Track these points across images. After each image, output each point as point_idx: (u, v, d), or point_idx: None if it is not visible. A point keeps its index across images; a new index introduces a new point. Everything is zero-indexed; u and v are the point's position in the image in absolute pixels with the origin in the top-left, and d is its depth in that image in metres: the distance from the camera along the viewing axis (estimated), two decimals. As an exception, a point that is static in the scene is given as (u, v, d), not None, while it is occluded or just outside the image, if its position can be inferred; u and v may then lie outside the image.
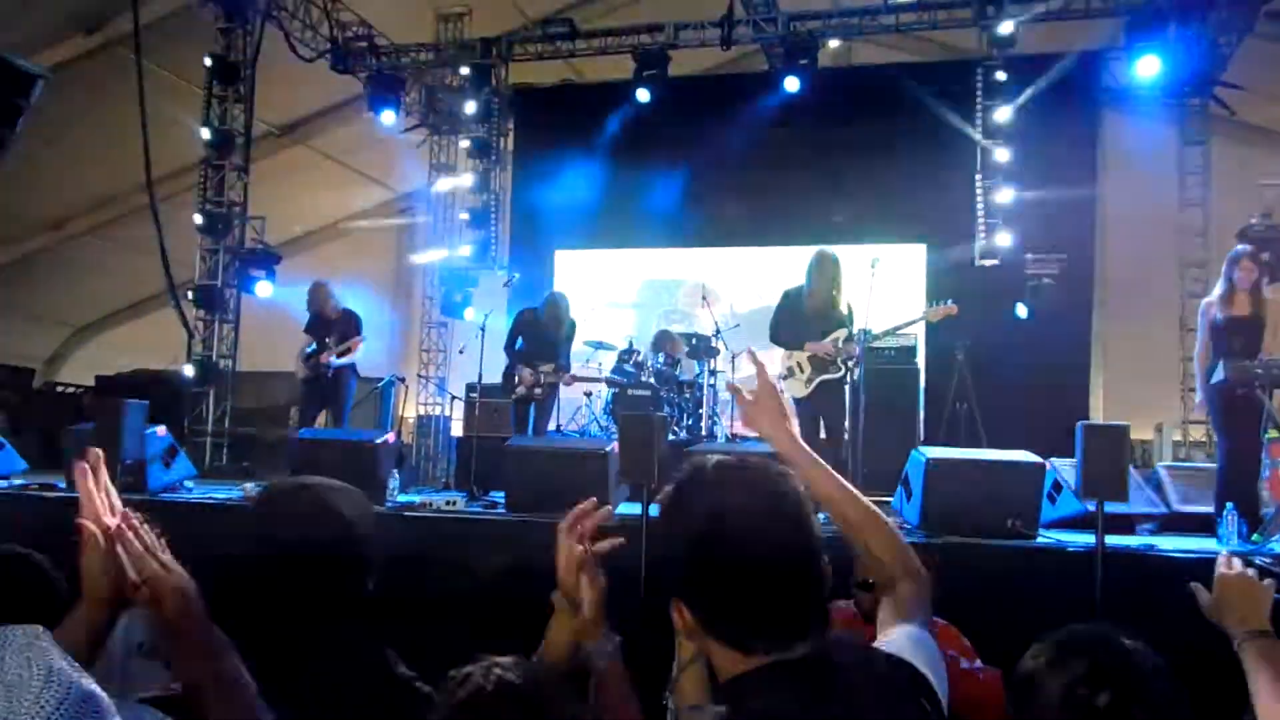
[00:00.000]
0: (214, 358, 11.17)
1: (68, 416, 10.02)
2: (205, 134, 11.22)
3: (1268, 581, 2.08)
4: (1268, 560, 3.26)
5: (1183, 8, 9.96)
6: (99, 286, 15.03)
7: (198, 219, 11.20)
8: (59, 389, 13.42)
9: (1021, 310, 10.43)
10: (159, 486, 6.95)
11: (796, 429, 1.89)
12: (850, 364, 6.94)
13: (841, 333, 6.95)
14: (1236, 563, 2.14)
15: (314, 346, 8.64)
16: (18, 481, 7.43)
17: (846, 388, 7.01)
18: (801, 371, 6.98)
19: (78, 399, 12.56)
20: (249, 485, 6.99)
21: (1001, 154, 10.67)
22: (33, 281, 14.51)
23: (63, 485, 7.08)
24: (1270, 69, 9.88)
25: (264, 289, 11.08)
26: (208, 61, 11.13)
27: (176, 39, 11.24)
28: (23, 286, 14.49)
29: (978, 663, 3.53)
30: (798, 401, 6.96)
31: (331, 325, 8.72)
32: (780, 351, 7.15)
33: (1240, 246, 6.72)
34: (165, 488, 7.01)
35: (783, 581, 1.40)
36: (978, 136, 10.77)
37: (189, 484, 7.42)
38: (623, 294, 12.98)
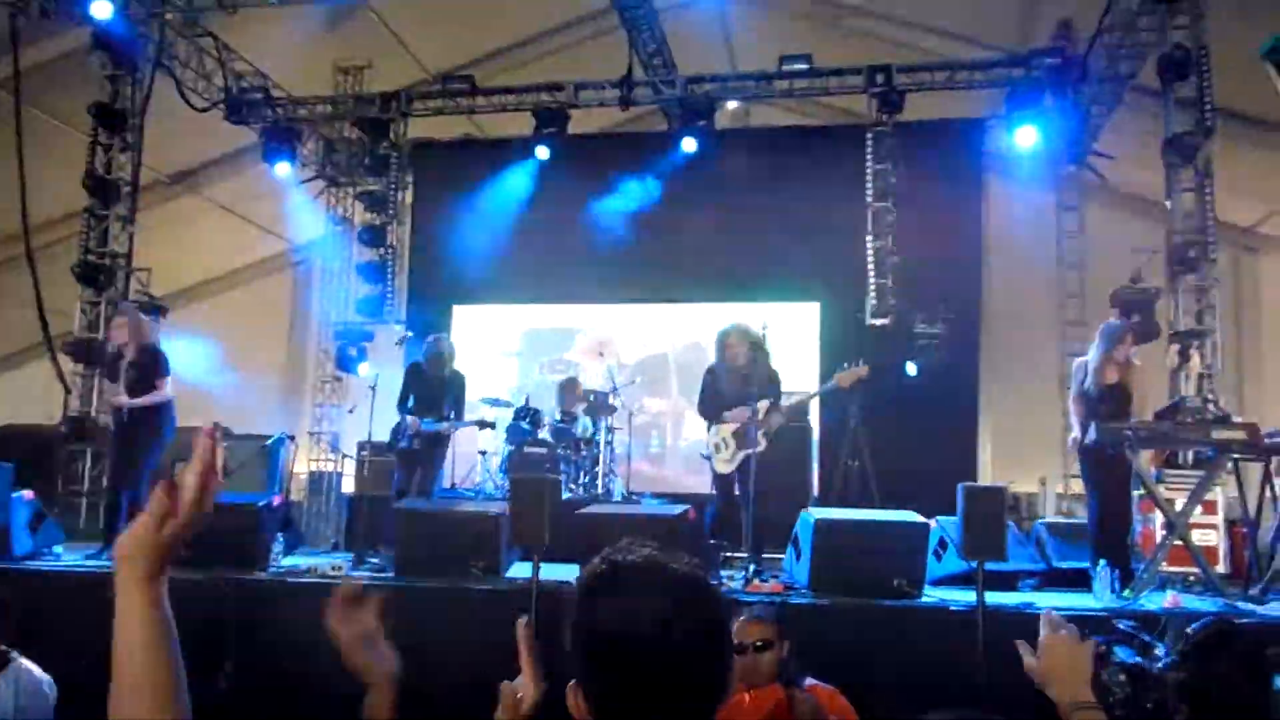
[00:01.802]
0: (92, 414, 10.72)
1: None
2: (88, 183, 10.83)
3: (1088, 643, 2.08)
4: (1130, 624, 3.35)
5: (1057, 81, 10.47)
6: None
7: (77, 269, 10.79)
8: (-78, 446, 12.67)
9: (911, 369, 10.69)
10: (23, 553, 6.61)
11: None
12: (770, 436, 6.92)
13: (763, 405, 6.94)
14: (1060, 623, 2.14)
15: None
16: None
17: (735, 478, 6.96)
18: (726, 447, 6.97)
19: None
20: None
21: (890, 215, 10.99)
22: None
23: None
24: (1139, 138, 10.40)
25: (148, 342, 10.70)
26: (93, 109, 10.79)
27: (63, 84, 10.93)
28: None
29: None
30: (723, 477, 6.98)
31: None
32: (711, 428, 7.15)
33: (1118, 321, 6.99)
34: (28, 554, 6.67)
35: (682, 693, 1.37)
36: (868, 199, 11.08)
37: (58, 550, 7.07)
38: (511, 345, 12.94)
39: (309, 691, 4.67)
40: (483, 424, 8.95)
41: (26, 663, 4.12)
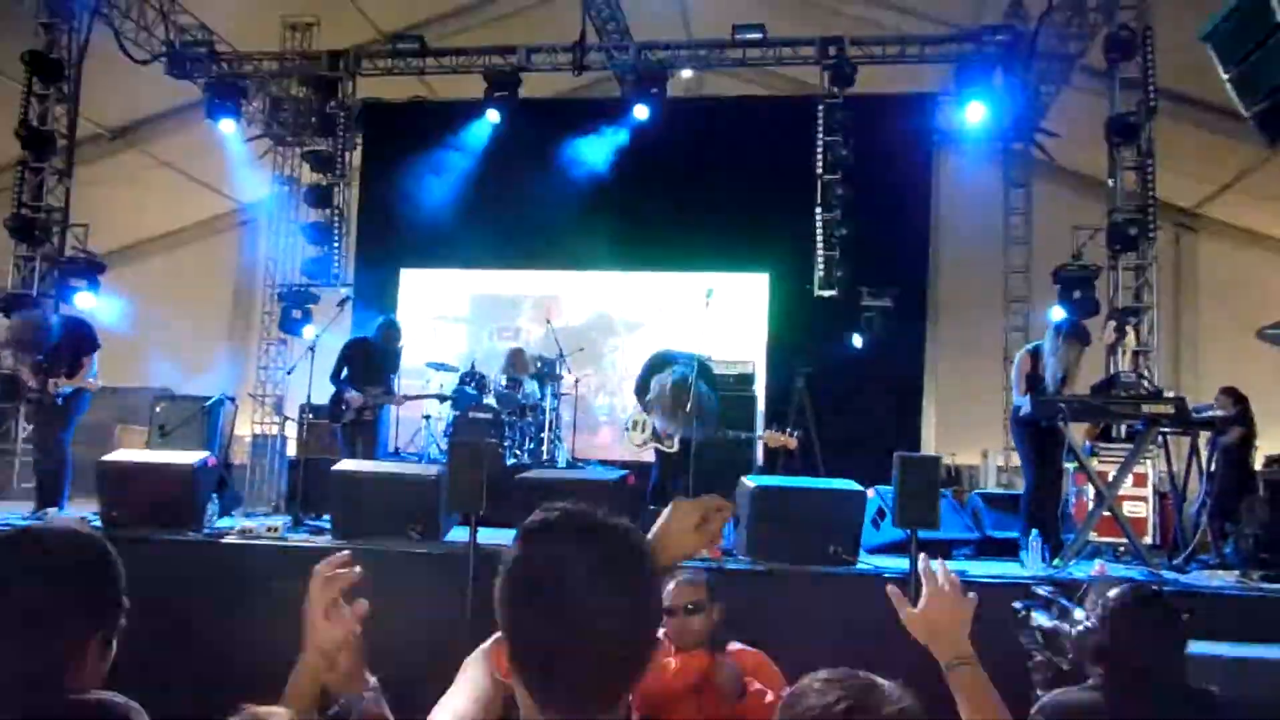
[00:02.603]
0: (22, 373, 10.47)
1: None
2: (21, 134, 10.53)
3: (971, 595, 2.05)
4: (1050, 590, 3.42)
5: (1006, 58, 10.55)
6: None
7: (10, 223, 10.50)
8: None
9: (856, 340, 10.78)
10: (-53, 511, 6.46)
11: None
12: (681, 444, 6.99)
13: (685, 420, 6.94)
14: (940, 571, 2.08)
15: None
16: None
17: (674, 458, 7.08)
18: (641, 431, 7.13)
19: None
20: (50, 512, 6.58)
21: (840, 188, 11.02)
22: None
23: None
24: (1085, 118, 10.53)
25: (85, 300, 10.47)
26: (24, 55, 10.46)
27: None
28: None
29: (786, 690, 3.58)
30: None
31: None
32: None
33: (1072, 323, 7.03)
34: (-46, 512, 6.52)
35: (602, 654, 1.34)
36: (819, 170, 11.10)
37: (-16, 508, 6.92)
38: (459, 310, 12.84)
39: (240, 649, 4.64)
40: (442, 398, 9.10)
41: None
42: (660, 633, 3.61)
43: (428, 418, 9.56)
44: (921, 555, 2.17)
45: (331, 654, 1.67)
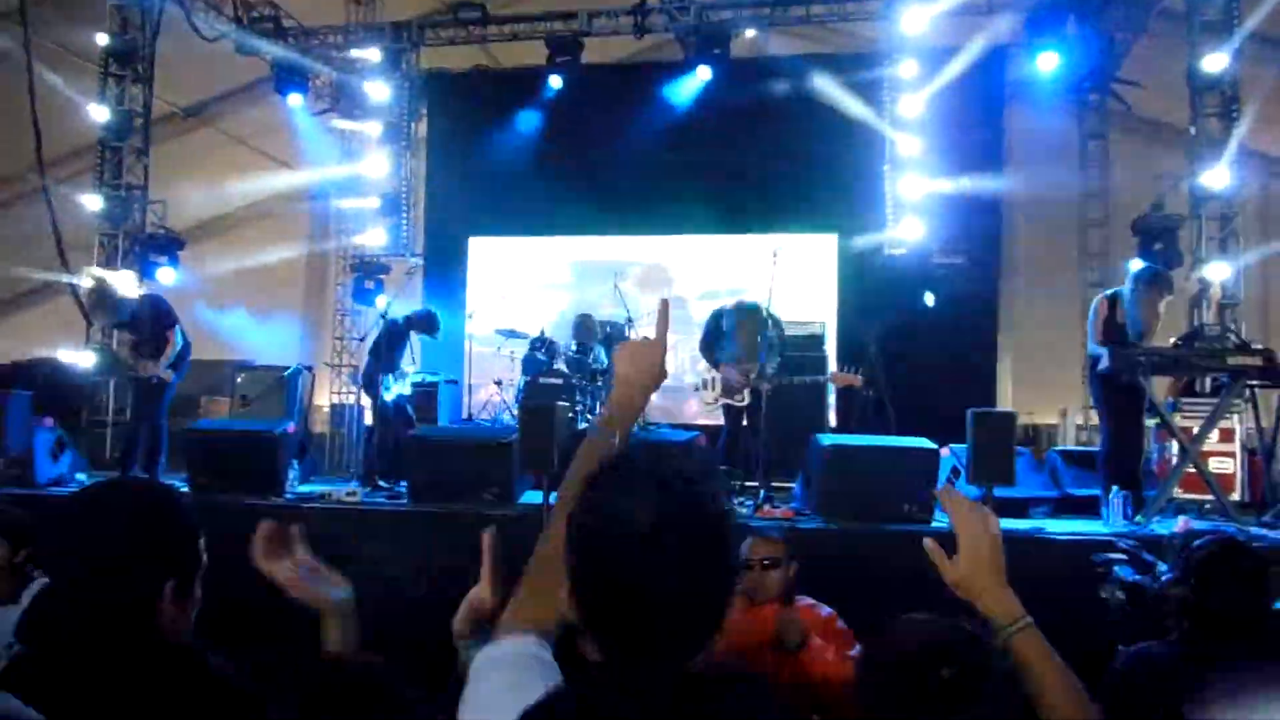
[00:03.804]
0: (114, 345, 10.82)
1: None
2: (101, 114, 10.83)
3: (995, 525, 1.81)
4: (1132, 543, 3.36)
5: (1080, 5, 10.21)
6: (-7, 272, 14.46)
7: (95, 202, 10.83)
8: (-52, 379, 12.87)
9: (928, 299, 10.62)
10: (46, 479, 6.75)
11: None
12: (752, 396, 7.07)
13: (754, 366, 7.02)
14: (963, 499, 1.85)
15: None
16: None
17: (746, 412, 7.16)
18: (712, 389, 7.17)
19: (-32, 389, 12.06)
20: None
21: (909, 145, 10.85)
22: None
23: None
24: (1164, 65, 10.15)
25: (166, 275, 10.76)
26: (102, 39, 10.73)
27: (71, 14, 10.85)
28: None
29: (856, 648, 3.55)
30: (734, 406, 7.23)
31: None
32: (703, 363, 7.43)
33: (1154, 269, 6.79)
34: (53, 480, 6.81)
35: (668, 606, 1.29)
36: (886, 128, 10.92)
37: (80, 476, 7.20)
38: (563, 276, 12.80)
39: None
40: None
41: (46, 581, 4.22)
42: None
43: (499, 383, 9.67)
44: (942, 490, 1.91)
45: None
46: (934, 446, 6.01)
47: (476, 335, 10.39)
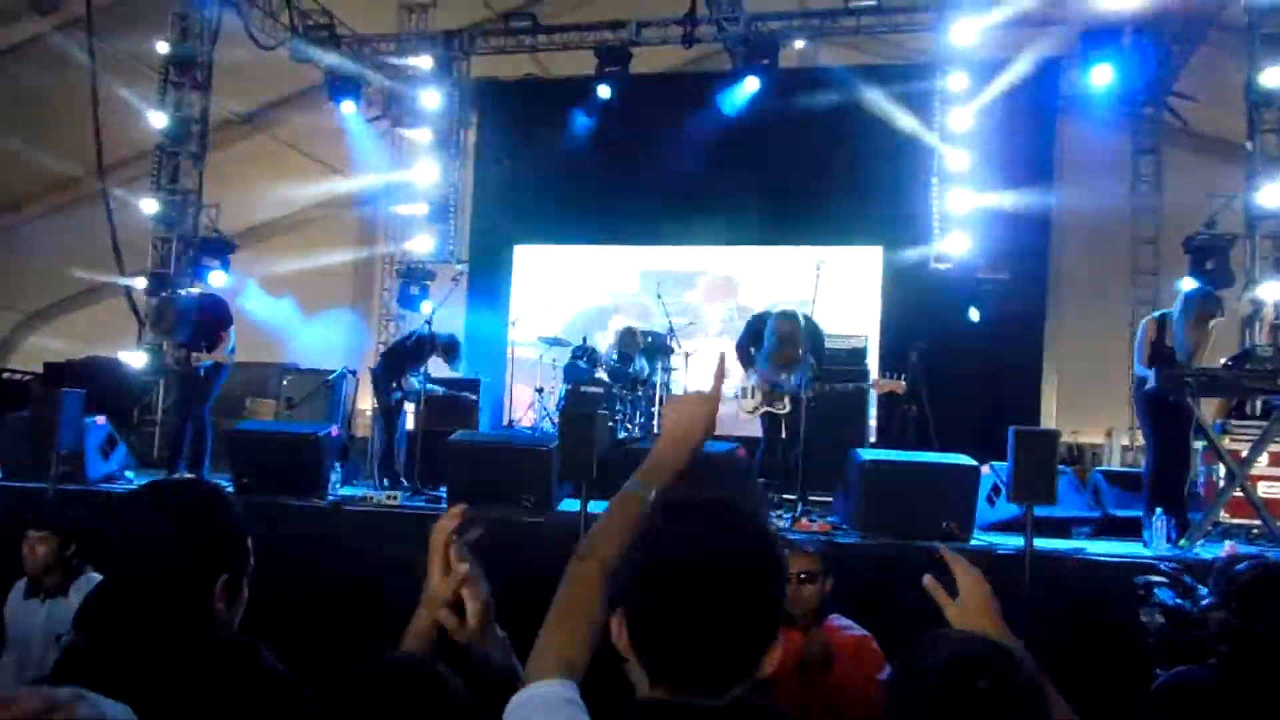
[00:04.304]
0: (164, 347, 11.04)
1: (14, 405, 9.85)
2: (160, 120, 11.07)
3: (984, 581, 1.85)
4: (1173, 566, 3.31)
5: (1137, 17, 10.07)
6: (49, 272, 14.80)
7: (151, 206, 11.07)
8: (5, 376, 13.21)
9: (973, 314, 10.52)
10: (98, 476, 6.89)
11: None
12: (792, 405, 6.98)
13: (788, 374, 6.97)
14: (961, 561, 1.86)
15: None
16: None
17: (785, 422, 7.06)
18: (752, 396, 7.08)
19: (25, 387, 12.36)
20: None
21: (958, 158, 10.76)
22: (-17, 266, 14.30)
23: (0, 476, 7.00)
24: (1221, 79, 9.99)
25: (217, 278, 10.97)
26: (163, 48, 10.98)
27: (134, 22, 11.12)
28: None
29: (886, 670, 3.51)
30: (773, 418, 7.13)
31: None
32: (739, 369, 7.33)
33: (1205, 291, 6.67)
34: (103, 477, 6.95)
35: (722, 636, 1.38)
36: (935, 140, 10.85)
37: (129, 474, 7.35)
38: (596, 286, 12.83)
39: (358, 609, 4.83)
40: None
41: (97, 577, 4.32)
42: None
43: (540, 391, 9.71)
44: (941, 546, 1.98)
45: (441, 603, 1.75)
46: (974, 464, 5.95)
47: (519, 342, 10.44)
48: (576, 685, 1.56)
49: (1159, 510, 5.69)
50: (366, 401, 13.19)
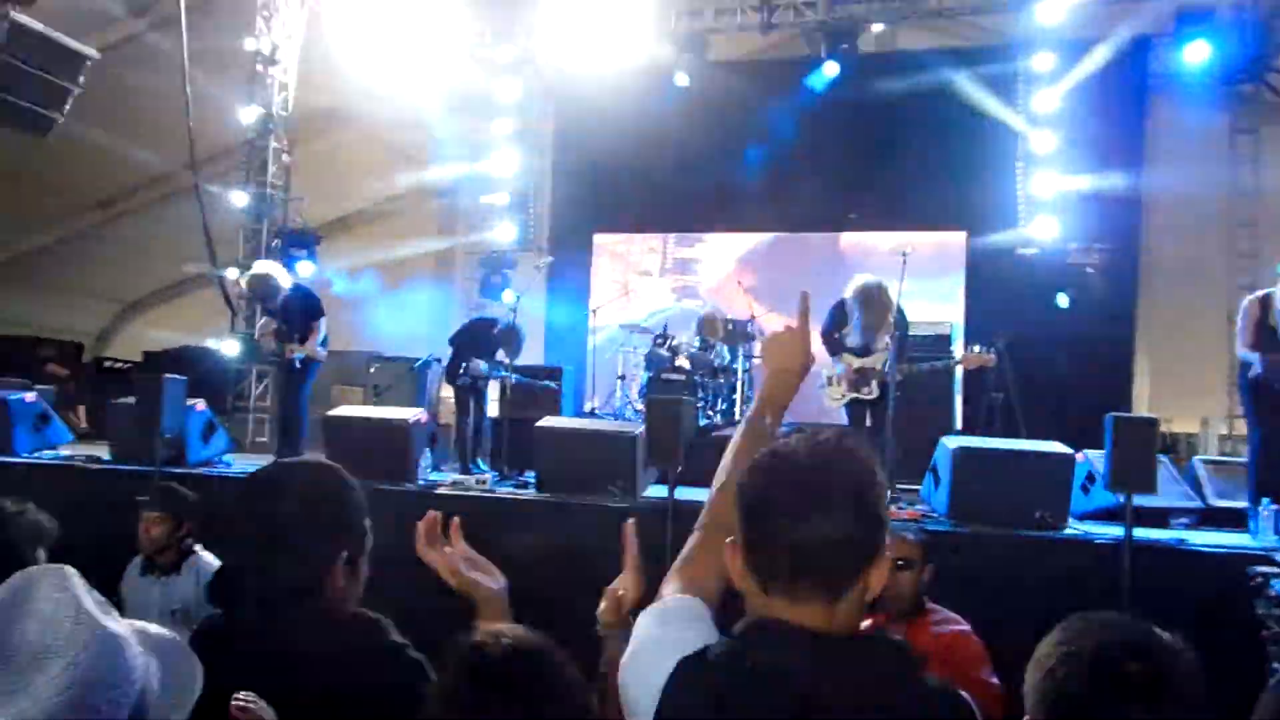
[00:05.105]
0: (256, 335, 11.34)
1: (115, 391, 10.22)
2: (249, 115, 11.36)
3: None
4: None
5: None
6: (147, 264, 15.32)
7: (241, 198, 11.38)
8: (106, 364, 13.72)
9: (1062, 300, 10.30)
10: (197, 460, 7.11)
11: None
12: (880, 389, 6.90)
13: (880, 357, 6.90)
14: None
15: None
16: (65, 453, 7.63)
17: (869, 410, 7.02)
18: (837, 384, 7.02)
19: (125, 374, 12.82)
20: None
21: (1044, 140, 10.53)
22: (83, 259, 14.83)
23: (108, 459, 7.27)
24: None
25: (305, 268, 11.22)
26: (250, 44, 11.26)
27: (223, 20, 11.40)
28: (73, 264, 14.82)
29: (987, 670, 3.45)
30: (858, 405, 7.08)
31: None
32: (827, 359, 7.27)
33: None
34: (203, 461, 7.17)
35: (819, 546, 1.41)
36: (1020, 123, 10.62)
37: (227, 458, 7.58)
38: (677, 273, 12.85)
39: (445, 591, 4.91)
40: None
41: (207, 556, 4.48)
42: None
43: (622, 378, 9.77)
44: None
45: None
46: (1069, 451, 5.83)
47: (599, 329, 10.52)
48: (709, 606, 1.64)
49: (1265, 500, 5.52)
50: (448, 388, 13.43)
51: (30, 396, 7.63)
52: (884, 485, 1.49)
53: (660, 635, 1.57)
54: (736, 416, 9.21)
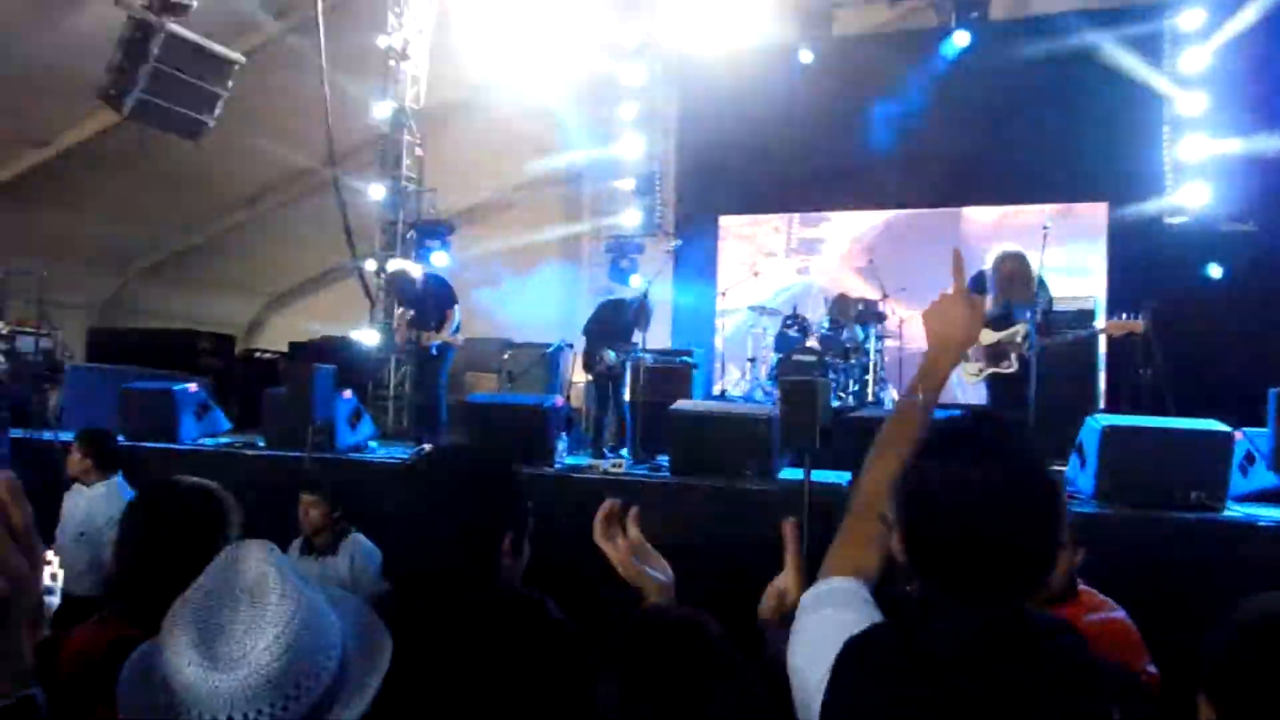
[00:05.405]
0: (394, 324, 11.72)
1: (265, 381, 10.74)
2: (383, 110, 11.73)
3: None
4: None
5: None
6: (291, 258, 16.00)
7: (378, 192, 11.77)
8: (256, 355, 14.40)
9: (1215, 271, 9.81)
10: (346, 446, 7.41)
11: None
12: (1020, 364, 6.71)
13: (1021, 328, 6.71)
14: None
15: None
16: (224, 440, 8.07)
17: (1008, 385, 6.79)
18: (975, 361, 6.84)
19: (273, 364, 13.43)
20: (425, 446, 7.38)
21: (1192, 102, 10.02)
22: (232, 254, 15.59)
23: (262, 444, 7.66)
24: None
25: (439, 258, 11.53)
26: (383, 41, 11.61)
27: (357, 19, 11.78)
28: (223, 259, 15.61)
29: (1147, 660, 3.34)
30: (1000, 380, 6.90)
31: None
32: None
33: None
34: (352, 447, 7.47)
35: (1001, 558, 1.41)
36: (1166, 85, 10.13)
37: (373, 444, 7.89)
38: (806, 254, 12.74)
39: (586, 575, 5.02)
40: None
41: (361, 536, 4.69)
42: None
43: (752, 360, 9.76)
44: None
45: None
46: (1227, 430, 5.57)
47: (729, 311, 10.52)
48: (868, 587, 1.65)
49: None
50: (577, 373, 13.64)
51: (193, 387, 8.11)
52: (1058, 482, 1.47)
53: (825, 617, 1.59)
54: (869, 398, 9.09)
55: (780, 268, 12.63)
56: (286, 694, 1.31)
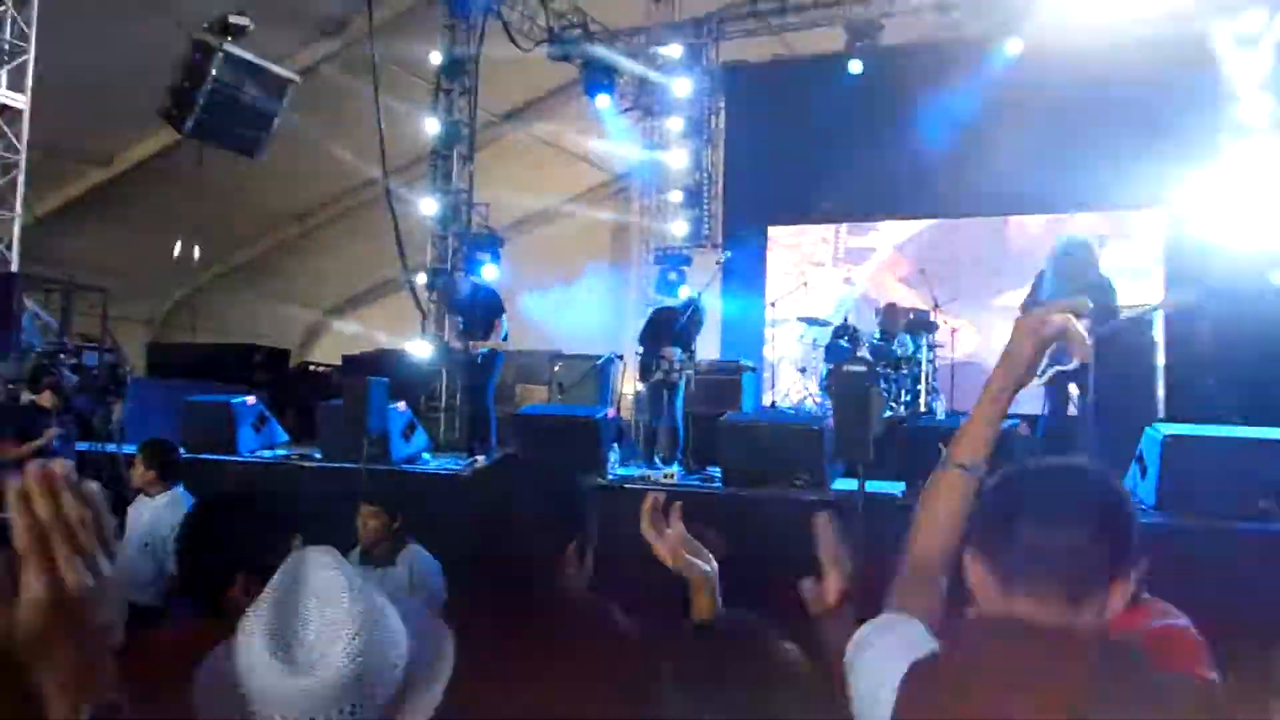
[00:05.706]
0: (446, 337, 11.84)
1: (319, 394, 10.89)
2: (434, 126, 11.88)
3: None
4: None
5: None
6: (343, 272, 16.24)
7: (429, 206, 11.91)
8: (310, 368, 14.61)
9: (1275, 278, 9.58)
10: (400, 458, 7.50)
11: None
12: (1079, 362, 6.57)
13: (1085, 322, 6.56)
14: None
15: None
16: (280, 452, 8.20)
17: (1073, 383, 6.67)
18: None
19: (327, 377, 13.62)
20: (479, 458, 7.45)
21: (1257, 106, 9.81)
22: (285, 269, 15.86)
23: (318, 455, 7.77)
24: None
25: (489, 271, 11.64)
26: (435, 58, 11.76)
27: (407, 37, 11.96)
28: (277, 274, 15.89)
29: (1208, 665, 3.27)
30: (1055, 390, 6.75)
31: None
32: None
33: None
34: (406, 459, 7.56)
35: (1072, 576, 1.44)
36: (1228, 89, 9.93)
37: (426, 455, 7.97)
38: (855, 264, 12.66)
39: (635, 583, 5.02)
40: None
41: (419, 547, 4.74)
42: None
43: (802, 371, 9.71)
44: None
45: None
46: (1291, 438, 5.45)
47: (778, 322, 10.49)
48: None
49: None
50: (627, 385, 13.68)
51: (251, 400, 8.25)
52: (1133, 503, 1.50)
53: (886, 641, 1.59)
54: (921, 409, 9.00)
55: (828, 277, 12.57)
56: (361, 695, 1.34)
